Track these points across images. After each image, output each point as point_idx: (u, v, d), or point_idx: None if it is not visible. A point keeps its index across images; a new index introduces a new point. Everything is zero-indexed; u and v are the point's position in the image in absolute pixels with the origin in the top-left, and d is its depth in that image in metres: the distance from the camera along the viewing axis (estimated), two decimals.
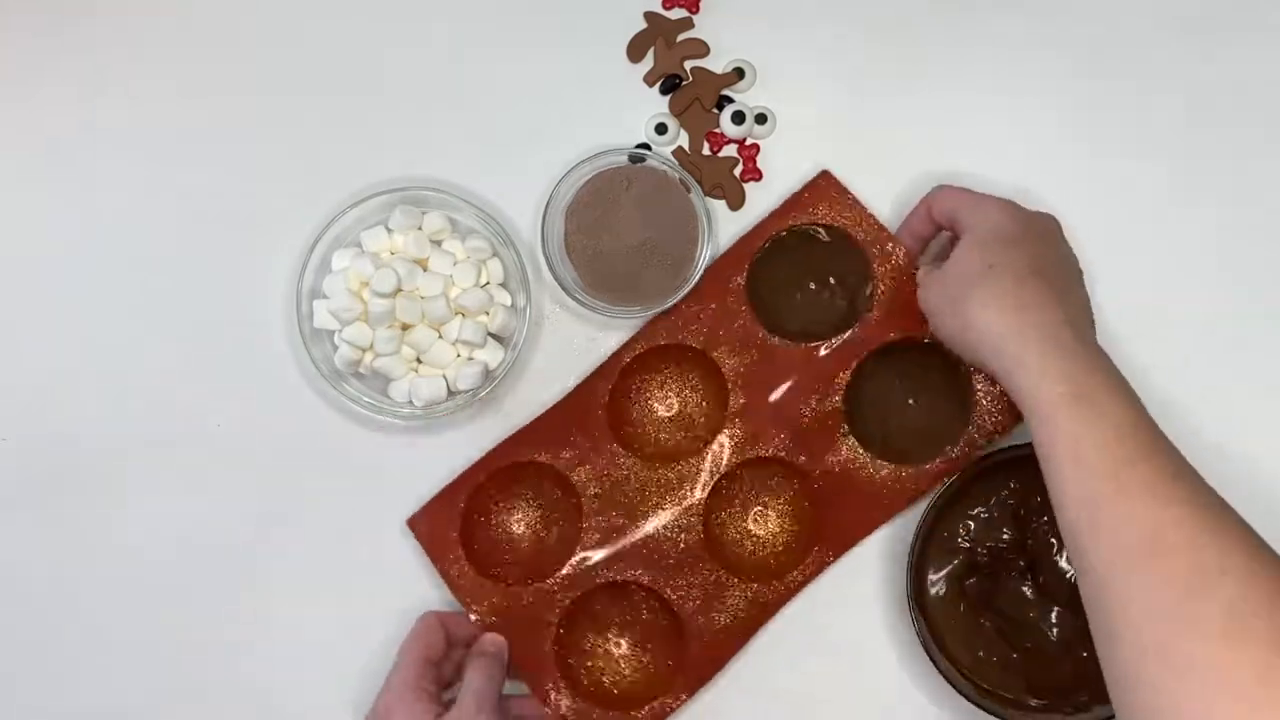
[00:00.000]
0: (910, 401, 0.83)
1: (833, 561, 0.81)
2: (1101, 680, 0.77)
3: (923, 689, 0.81)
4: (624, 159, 0.81)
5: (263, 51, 0.84)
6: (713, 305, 0.81)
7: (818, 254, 0.82)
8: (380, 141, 0.84)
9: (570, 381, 0.82)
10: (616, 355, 0.82)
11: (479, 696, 0.75)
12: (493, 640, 0.79)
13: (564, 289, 0.81)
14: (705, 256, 0.81)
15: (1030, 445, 0.67)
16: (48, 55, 0.84)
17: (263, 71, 0.84)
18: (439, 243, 0.81)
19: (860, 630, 0.82)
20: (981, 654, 0.79)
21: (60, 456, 0.82)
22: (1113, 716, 0.76)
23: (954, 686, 0.77)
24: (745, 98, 0.84)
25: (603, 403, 0.81)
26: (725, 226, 0.83)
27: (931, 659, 0.78)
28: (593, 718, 0.79)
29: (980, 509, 0.80)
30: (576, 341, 0.83)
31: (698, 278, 0.81)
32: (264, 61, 0.84)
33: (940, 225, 0.79)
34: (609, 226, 0.81)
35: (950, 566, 0.80)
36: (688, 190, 0.81)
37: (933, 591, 0.80)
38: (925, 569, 0.80)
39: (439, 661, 0.78)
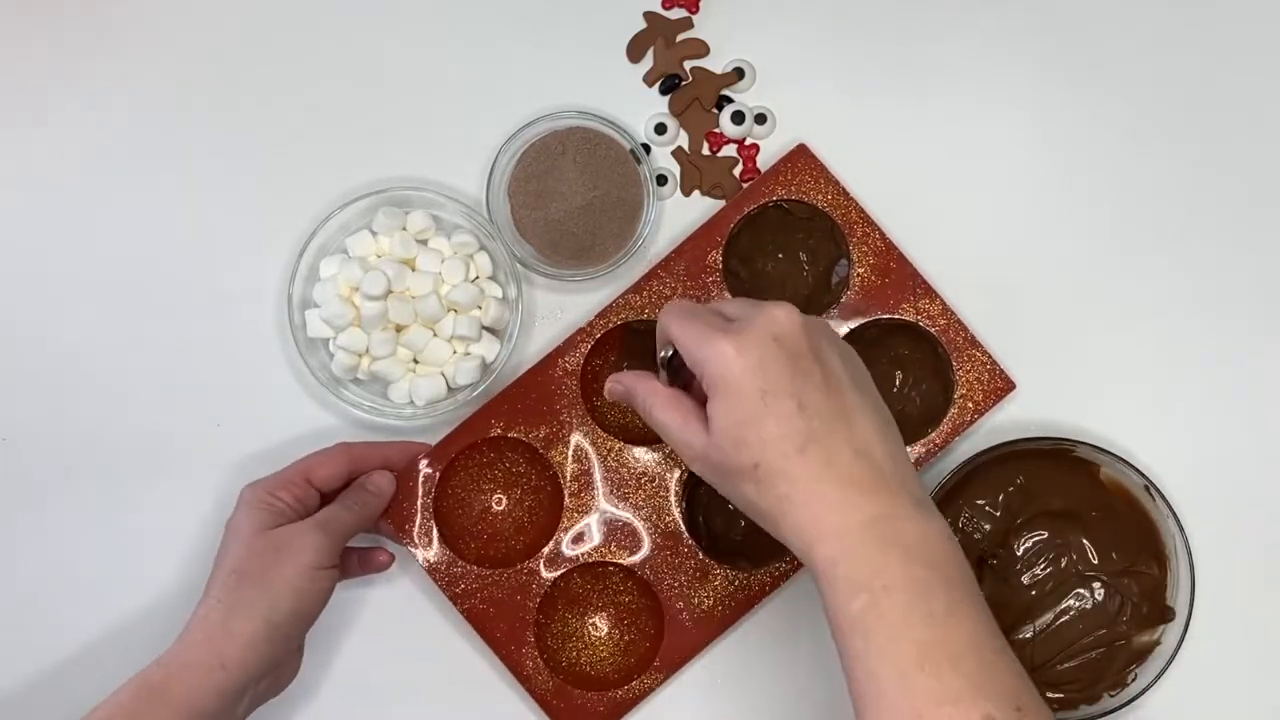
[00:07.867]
0: (891, 381, 0.82)
1: None
2: (1102, 668, 0.76)
3: None
4: (549, 127, 0.81)
5: (238, 64, 0.85)
6: (688, 282, 0.81)
7: (794, 231, 0.82)
8: (361, 143, 0.84)
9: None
10: (585, 328, 0.81)
11: (322, 522, 0.73)
12: (376, 482, 0.77)
13: (526, 266, 0.81)
14: (653, 199, 0.81)
15: (1026, 440, 0.65)
16: (41, 65, 0.85)
17: (239, 82, 0.85)
18: (425, 241, 0.81)
19: None
20: None
21: (60, 456, 0.83)
22: (1124, 705, 0.75)
23: None
24: (745, 98, 0.84)
25: (574, 375, 0.80)
26: (695, 205, 0.83)
27: None
28: (571, 697, 0.79)
29: (982, 501, 0.80)
30: (562, 315, 0.83)
31: (653, 219, 0.80)
32: (238, 73, 0.85)
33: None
34: (554, 194, 0.81)
35: None
36: (619, 141, 0.81)
37: None
38: None
39: (320, 485, 0.76)
